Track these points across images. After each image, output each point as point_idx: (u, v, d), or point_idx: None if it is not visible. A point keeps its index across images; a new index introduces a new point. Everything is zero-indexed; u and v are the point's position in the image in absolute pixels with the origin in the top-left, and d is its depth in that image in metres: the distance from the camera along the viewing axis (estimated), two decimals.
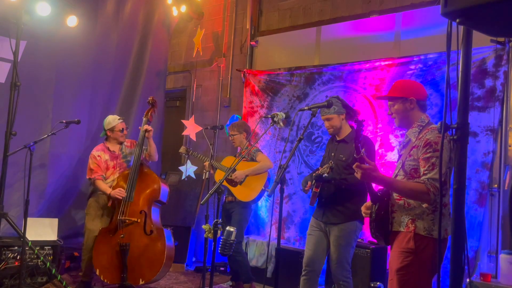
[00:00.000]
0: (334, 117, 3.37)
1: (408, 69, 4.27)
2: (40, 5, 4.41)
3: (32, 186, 3.74)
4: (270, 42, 5.76)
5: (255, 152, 4.43)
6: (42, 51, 4.94)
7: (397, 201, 2.43)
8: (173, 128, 6.57)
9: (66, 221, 5.02)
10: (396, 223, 2.42)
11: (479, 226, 3.74)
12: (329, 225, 3.29)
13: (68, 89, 5.17)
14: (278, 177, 2.74)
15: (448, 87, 1.58)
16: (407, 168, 2.42)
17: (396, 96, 2.53)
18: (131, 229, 3.99)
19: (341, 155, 3.34)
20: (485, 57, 3.83)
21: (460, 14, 1.37)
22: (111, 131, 4.24)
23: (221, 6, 6.29)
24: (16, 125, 3.92)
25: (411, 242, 2.32)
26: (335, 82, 4.82)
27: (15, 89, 3.91)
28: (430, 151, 2.30)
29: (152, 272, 3.90)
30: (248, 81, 5.59)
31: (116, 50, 5.55)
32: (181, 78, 6.72)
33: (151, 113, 4.33)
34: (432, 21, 4.29)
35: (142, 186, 4.14)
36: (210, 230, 2.86)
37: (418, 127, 2.47)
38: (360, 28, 4.89)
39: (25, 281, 3.90)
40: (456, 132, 1.51)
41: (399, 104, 2.51)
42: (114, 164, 4.27)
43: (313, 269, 3.30)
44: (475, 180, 3.79)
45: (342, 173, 3.29)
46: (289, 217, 5.00)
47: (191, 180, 5.63)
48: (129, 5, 5.63)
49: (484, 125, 3.80)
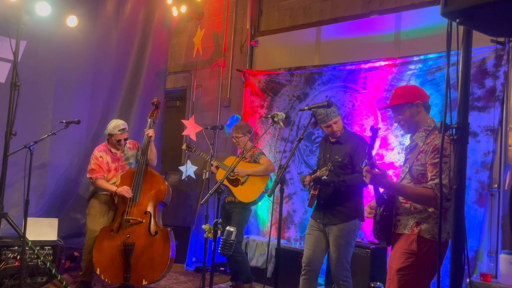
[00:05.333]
0: (338, 119, 3.36)
1: (408, 69, 4.27)
2: (40, 5, 4.41)
3: (32, 186, 3.73)
4: (270, 42, 5.76)
5: (258, 155, 4.43)
6: (42, 51, 4.94)
7: (403, 205, 2.43)
8: (173, 128, 6.57)
9: (66, 221, 5.02)
10: (401, 225, 2.42)
11: (479, 226, 3.74)
12: (329, 225, 3.30)
13: (68, 89, 5.17)
14: (278, 177, 2.74)
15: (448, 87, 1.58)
16: (414, 173, 2.41)
17: (401, 103, 2.50)
18: (136, 229, 3.99)
19: (336, 156, 3.34)
20: (485, 57, 3.83)
21: (460, 14, 1.37)
22: (109, 136, 4.25)
23: (221, 6, 6.29)
24: (16, 125, 3.92)
25: (414, 244, 2.33)
26: (335, 82, 4.82)
27: (15, 89, 3.91)
28: (438, 157, 2.29)
29: (156, 273, 3.90)
30: (248, 81, 5.59)
31: (116, 50, 5.55)
32: (181, 78, 6.72)
33: (156, 114, 4.35)
34: (432, 21, 4.29)
35: (148, 187, 4.14)
36: (210, 230, 2.85)
37: (425, 131, 2.46)
38: (360, 28, 4.89)
39: (25, 281, 3.90)
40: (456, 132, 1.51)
41: (407, 110, 2.48)
42: (116, 166, 4.27)
43: (312, 269, 3.31)
44: (475, 180, 3.79)
45: (339, 174, 3.29)
46: (289, 217, 5.00)
47: (191, 180, 5.63)
48: (129, 5, 5.63)
49: (484, 125, 3.80)
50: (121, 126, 4.18)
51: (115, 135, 4.18)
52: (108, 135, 4.24)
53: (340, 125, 3.39)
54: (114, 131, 4.17)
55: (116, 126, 4.17)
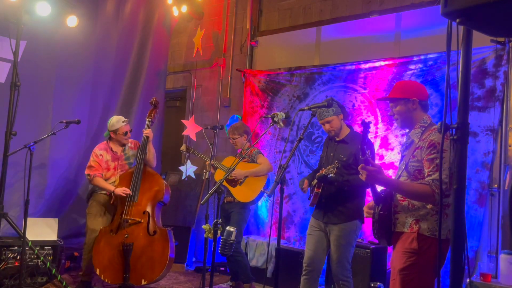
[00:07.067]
0: (334, 119, 3.36)
1: (408, 69, 4.27)
2: (40, 5, 4.41)
3: (32, 186, 3.74)
4: (270, 42, 5.76)
5: (256, 154, 4.43)
6: (42, 51, 4.94)
7: (401, 202, 2.42)
8: (173, 128, 6.57)
9: (66, 221, 5.02)
10: (400, 224, 2.41)
11: (479, 226, 3.74)
12: (330, 225, 3.30)
13: (68, 89, 5.17)
14: (278, 177, 2.74)
15: (448, 87, 1.58)
16: (410, 169, 2.40)
17: (398, 97, 2.51)
18: (134, 229, 3.98)
19: (341, 155, 3.33)
20: (485, 57, 3.83)
21: (460, 14, 1.37)
22: (114, 133, 4.22)
23: (221, 6, 6.29)
24: (16, 125, 3.92)
25: (414, 243, 2.32)
26: (335, 82, 4.82)
27: (15, 89, 3.91)
28: (434, 152, 2.29)
29: (155, 273, 3.90)
30: (248, 81, 5.59)
31: (116, 50, 5.55)
32: (181, 78, 6.72)
33: (154, 114, 4.35)
34: (432, 21, 4.29)
35: (146, 187, 4.14)
36: (210, 230, 2.86)
37: (420, 128, 2.46)
38: (360, 28, 4.89)
39: (25, 281, 3.90)
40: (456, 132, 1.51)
41: (402, 105, 2.50)
42: (116, 165, 4.27)
43: (313, 269, 3.31)
44: (475, 180, 3.79)
45: (344, 174, 3.29)
46: (289, 217, 5.00)
47: (191, 180, 5.63)
48: (129, 5, 5.63)
49: (484, 125, 3.80)
50: (123, 118, 4.23)
51: (121, 128, 4.18)
52: (112, 132, 4.22)
53: (336, 124, 3.38)
54: (119, 124, 4.18)
55: (119, 120, 4.20)
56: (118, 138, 4.24)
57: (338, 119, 3.39)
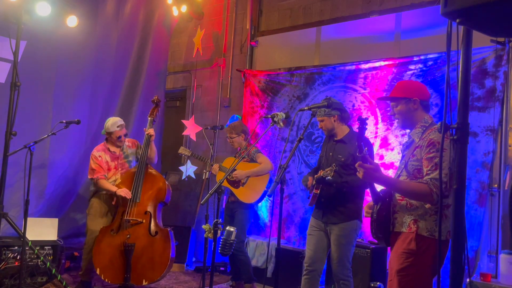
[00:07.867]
0: (324, 119, 3.41)
1: (408, 69, 4.27)
2: (40, 5, 4.41)
3: (32, 186, 3.74)
4: (270, 42, 5.76)
5: (255, 153, 4.43)
6: (42, 51, 4.94)
7: (400, 202, 2.41)
8: (173, 128, 6.57)
9: (66, 221, 5.02)
10: (398, 223, 2.40)
11: (479, 226, 3.73)
12: (330, 224, 3.30)
13: (68, 89, 5.18)
14: (278, 177, 2.74)
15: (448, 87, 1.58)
16: (410, 169, 2.40)
17: (399, 97, 2.51)
18: (136, 230, 3.99)
19: (339, 155, 3.34)
20: (485, 57, 3.83)
21: (460, 14, 1.38)
22: (109, 135, 4.25)
23: (221, 6, 6.29)
24: (16, 125, 3.92)
25: (412, 243, 2.30)
26: (335, 82, 4.82)
27: (15, 89, 3.91)
28: (433, 151, 2.28)
29: (156, 273, 3.90)
30: (248, 81, 5.59)
31: (116, 50, 5.55)
32: (181, 78, 6.72)
33: (156, 112, 4.37)
34: (432, 21, 4.29)
35: (148, 187, 4.14)
36: (210, 230, 2.86)
37: (421, 128, 2.45)
38: (360, 28, 4.89)
39: (25, 281, 3.90)
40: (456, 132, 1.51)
41: (402, 104, 2.49)
42: (116, 164, 4.27)
43: (314, 269, 3.31)
44: (475, 180, 3.79)
45: (342, 174, 3.29)
46: (289, 217, 5.00)
47: (191, 180, 5.63)
48: (129, 5, 5.63)
49: (484, 125, 3.80)
50: (119, 123, 4.20)
51: (115, 132, 4.19)
52: (107, 133, 4.24)
53: (327, 125, 3.41)
54: (113, 128, 4.18)
55: (114, 123, 4.19)
56: (112, 140, 4.26)
57: (330, 120, 3.41)
